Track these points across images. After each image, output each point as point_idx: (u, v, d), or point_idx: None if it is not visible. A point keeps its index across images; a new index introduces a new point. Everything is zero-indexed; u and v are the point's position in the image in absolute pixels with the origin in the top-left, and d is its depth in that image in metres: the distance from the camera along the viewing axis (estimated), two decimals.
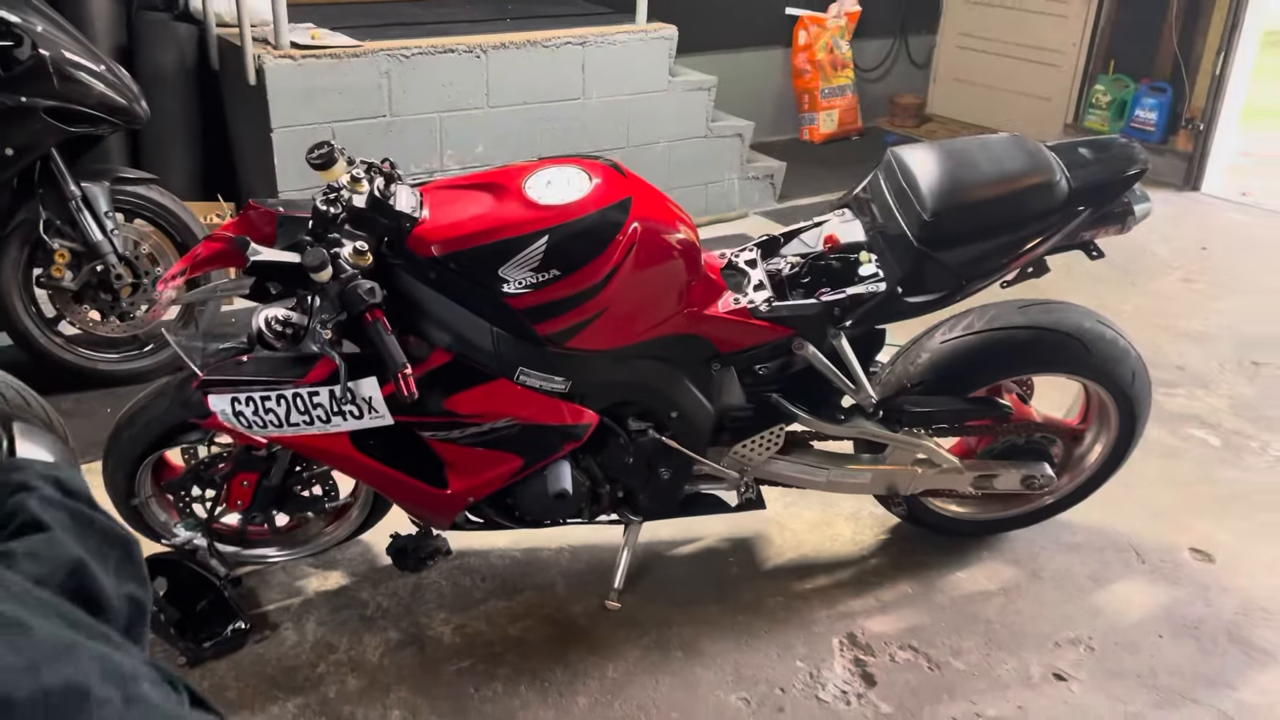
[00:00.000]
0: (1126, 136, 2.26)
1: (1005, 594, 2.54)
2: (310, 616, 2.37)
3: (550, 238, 1.91)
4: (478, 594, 2.47)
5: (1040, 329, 2.31)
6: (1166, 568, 2.65)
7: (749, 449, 2.29)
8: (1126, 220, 2.16)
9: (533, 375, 2.01)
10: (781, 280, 2.23)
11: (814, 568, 2.60)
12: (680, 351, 2.14)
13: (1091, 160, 2.14)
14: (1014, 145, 2.18)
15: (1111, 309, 4.10)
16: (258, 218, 2.04)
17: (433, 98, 3.99)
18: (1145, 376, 2.43)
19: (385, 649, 2.29)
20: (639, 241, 1.98)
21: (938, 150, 2.19)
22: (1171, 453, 3.17)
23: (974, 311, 2.39)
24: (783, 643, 2.36)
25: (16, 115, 2.89)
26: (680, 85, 4.63)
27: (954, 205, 2.07)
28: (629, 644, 2.33)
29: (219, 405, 1.96)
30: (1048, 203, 2.08)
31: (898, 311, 2.15)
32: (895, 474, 2.41)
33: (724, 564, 2.61)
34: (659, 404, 2.19)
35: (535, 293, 1.92)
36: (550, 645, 2.32)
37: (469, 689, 2.19)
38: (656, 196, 2.09)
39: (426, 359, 1.97)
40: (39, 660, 0.84)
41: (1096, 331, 2.34)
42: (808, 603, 2.48)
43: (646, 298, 2.04)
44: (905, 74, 7.00)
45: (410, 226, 1.93)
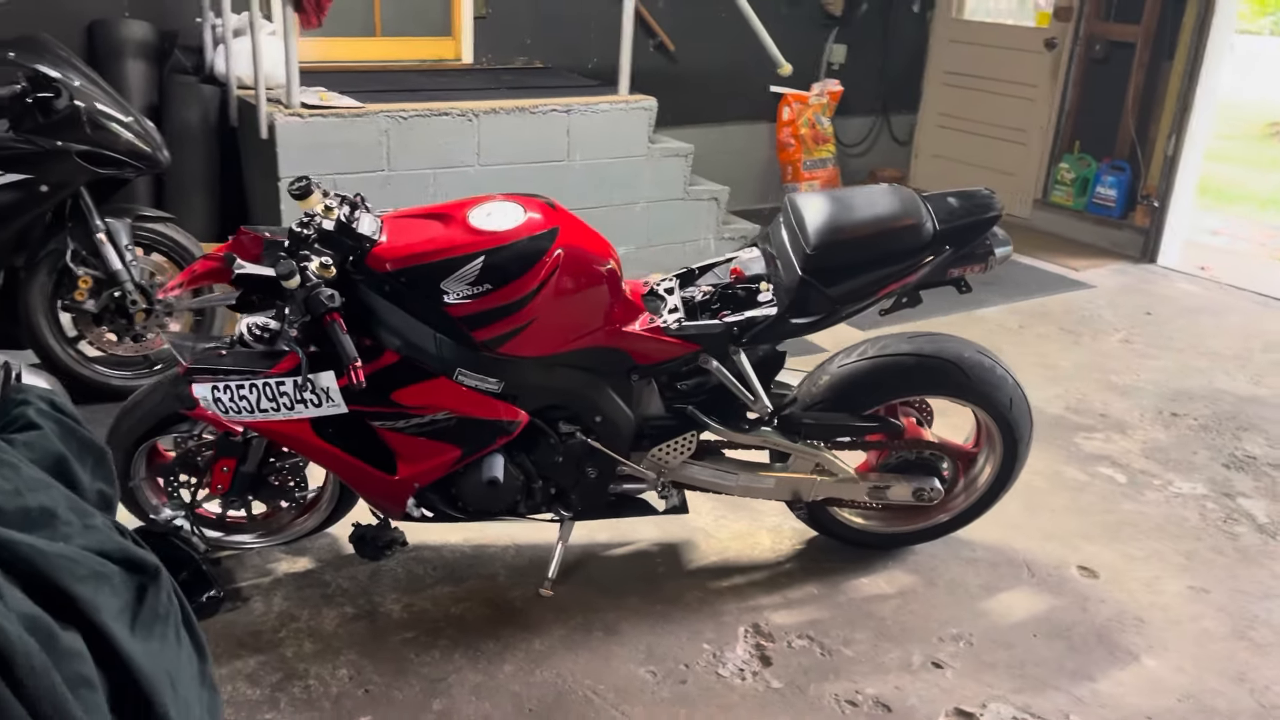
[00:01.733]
0: (989, 190, 2.56)
1: (901, 597, 2.83)
2: (278, 592, 2.69)
3: (486, 258, 2.28)
4: (428, 579, 2.78)
5: (923, 356, 2.64)
6: (1052, 581, 2.93)
7: (665, 453, 2.61)
8: (988, 259, 2.50)
9: (469, 376, 2.36)
10: (694, 305, 2.58)
11: (732, 569, 2.91)
12: (603, 362, 2.48)
13: (955, 207, 2.50)
14: (890, 193, 2.54)
15: (1052, 362, 4.45)
16: (247, 241, 2.42)
17: (427, 155, 4.42)
18: (1024, 404, 2.75)
19: (341, 620, 2.61)
20: (562, 265, 2.33)
21: (826, 196, 2.55)
22: (1080, 487, 3.46)
23: (869, 340, 2.72)
24: (693, 629, 2.66)
25: (52, 157, 3.31)
26: (659, 151, 5.04)
27: (832, 241, 2.42)
28: (556, 624, 2.63)
29: (201, 392, 2.32)
30: (914, 241, 2.43)
31: (785, 332, 2.49)
32: (797, 481, 2.72)
33: (651, 563, 2.92)
34: (584, 408, 2.52)
35: (471, 303, 2.28)
36: (486, 623, 2.63)
37: (410, 655, 2.50)
38: (583, 230, 2.45)
39: (378, 358, 2.33)
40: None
41: (975, 360, 2.67)
42: (721, 597, 2.78)
43: (570, 313, 2.39)
44: (887, 149, 7.42)
45: (370, 246, 2.30)
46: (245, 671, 2.41)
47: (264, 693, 2.35)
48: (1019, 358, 4.53)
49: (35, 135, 3.28)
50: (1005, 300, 5.32)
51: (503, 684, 2.43)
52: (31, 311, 3.49)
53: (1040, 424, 3.82)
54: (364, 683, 2.40)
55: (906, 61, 7.24)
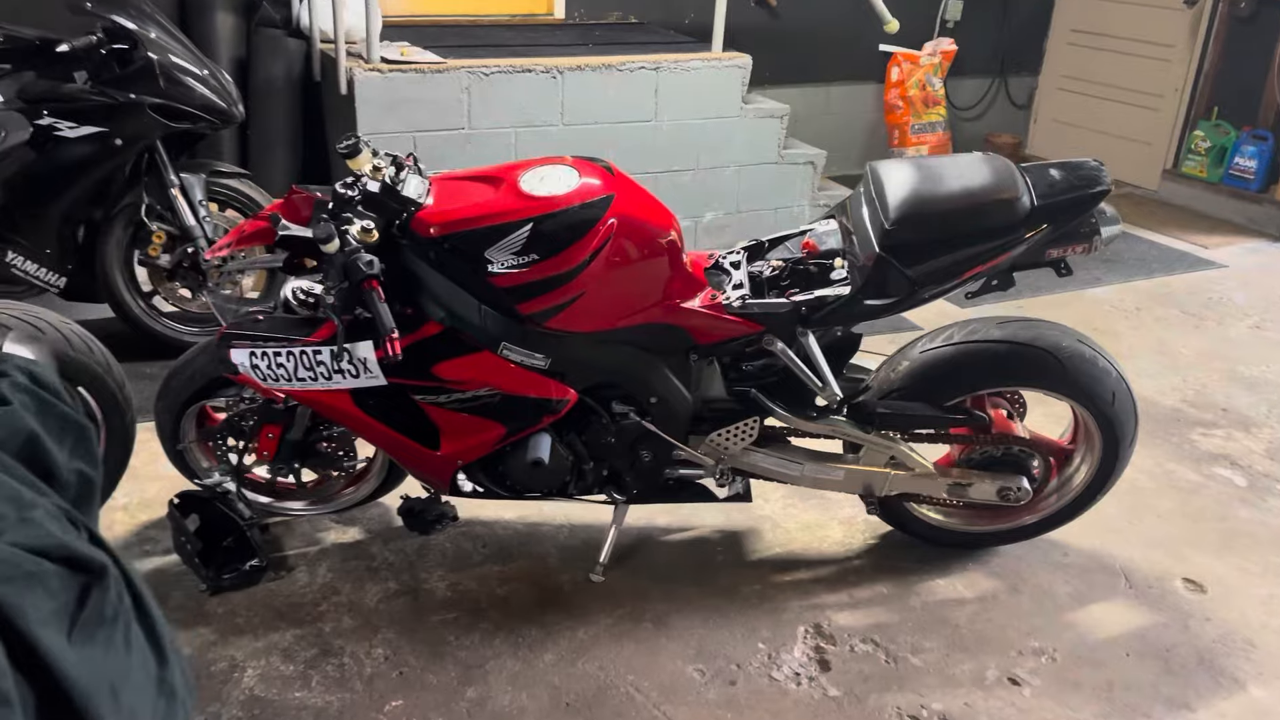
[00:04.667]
0: (1097, 161, 2.29)
1: (979, 602, 2.61)
2: (323, 563, 2.62)
3: (534, 225, 2.13)
4: (476, 557, 2.68)
5: (1016, 344, 2.40)
6: (1153, 594, 2.67)
7: (725, 438, 2.44)
8: (1093, 240, 2.24)
9: (515, 350, 2.23)
10: (761, 281, 2.38)
11: (797, 563, 2.72)
12: (659, 340, 2.31)
13: (1057, 180, 2.24)
14: (983, 163, 2.29)
15: (1171, 349, 4.11)
16: (299, 201, 2.31)
17: (509, 113, 4.28)
18: (1129, 400, 2.48)
19: (383, 596, 2.52)
20: (616, 235, 2.17)
21: (911, 165, 2.31)
22: (1192, 489, 3.16)
23: (956, 324, 2.49)
24: (749, 626, 2.49)
25: (126, 110, 3.28)
26: (753, 112, 4.81)
27: (914, 216, 2.19)
28: (604, 613, 2.50)
29: (239, 357, 2.24)
30: (1008, 218, 2.19)
31: (858, 314, 2.28)
32: (869, 475, 2.52)
33: (710, 552, 2.76)
34: (638, 388, 2.37)
35: (516, 274, 2.13)
36: (531, 607, 2.51)
37: (449, 637, 2.40)
38: (642, 197, 2.28)
39: (419, 328, 2.21)
40: None
41: (1075, 350, 2.41)
42: (782, 593, 2.61)
43: (623, 286, 2.23)
44: (1004, 114, 7.01)
45: (415, 210, 2.17)
46: (281, 645, 2.34)
47: (297, 668, 2.28)
48: (1133, 343, 4.19)
49: (109, 88, 3.25)
50: (1123, 279, 4.95)
51: (542, 674, 2.31)
52: (107, 265, 3.49)
53: (1152, 417, 3.53)
54: (399, 664, 2.31)
55: (1028, 19, 6.80)
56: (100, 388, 2.44)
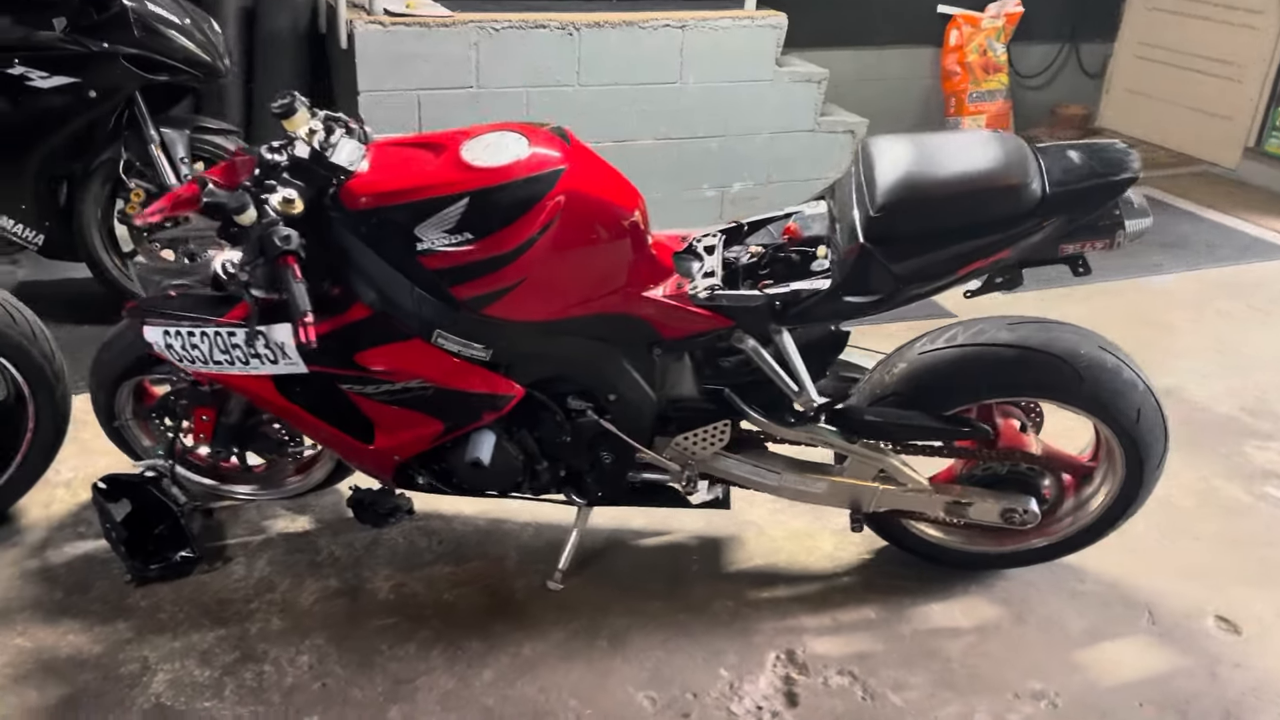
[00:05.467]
0: (1124, 145, 1.97)
1: (978, 633, 2.33)
2: (264, 555, 2.44)
3: (470, 200, 1.89)
4: (428, 556, 2.48)
5: (1027, 349, 2.11)
6: (1179, 633, 2.37)
7: (692, 442, 2.19)
8: (1115, 234, 1.93)
9: (451, 339, 2.00)
10: (737, 269, 2.12)
11: (779, 577, 2.47)
12: (618, 332, 2.07)
13: (1076, 165, 1.93)
14: (992, 142, 1.98)
15: (1232, 347, 3.74)
16: (240, 164, 2.11)
17: (521, 72, 4.03)
18: (1158, 417, 2.17)
19: (320, 596, 2.33)
20: (564, 214, 1.92)
21: (908, 142, 2.02)
22: (1239, 510, 2.83)
23: (960, 324, 2.20)
24: (715, 648, 2.25)
25: (100, 60, 3.10)
26: (787, 76, 4.49)
27: (903, 202, 1.91)
28: (557, 626, 2.28)
29: (153, 336, 2.05)
30: (1012, 208, 1.89)
31: (837, 311, 2.00)
32: (854, 488, 2.26)
33: (685, 561, 2.52)
34: (595, 384, 2.13)
35: (448, 254, 1.90)
36: (478, 616, 2.30)
37: (383, 646, 2.20)
38: (600, 172, 2.03)
39: (346, 311, 1.99)
40: None
41: (1095, 359, 2.11)
42: (758, 612, 2.36)
43: (574, 271, 1.98)
44: (1073, 82, 6.55)
45: (344, 179, 1.95)
46: (200, 647, 2.17)
47: (213, 674, 2.11)
48: (1190, 340, 3.82)
49: (83, 36, 3.07)
50: (1186, 266, 4.55)
51: (477, 694, 2.10)
52: (84, 222, 3.33)
53: (1202, 425, 3.19)
54: (324, 674, 2.13)
55: None
56: (24, 359, 2.27)
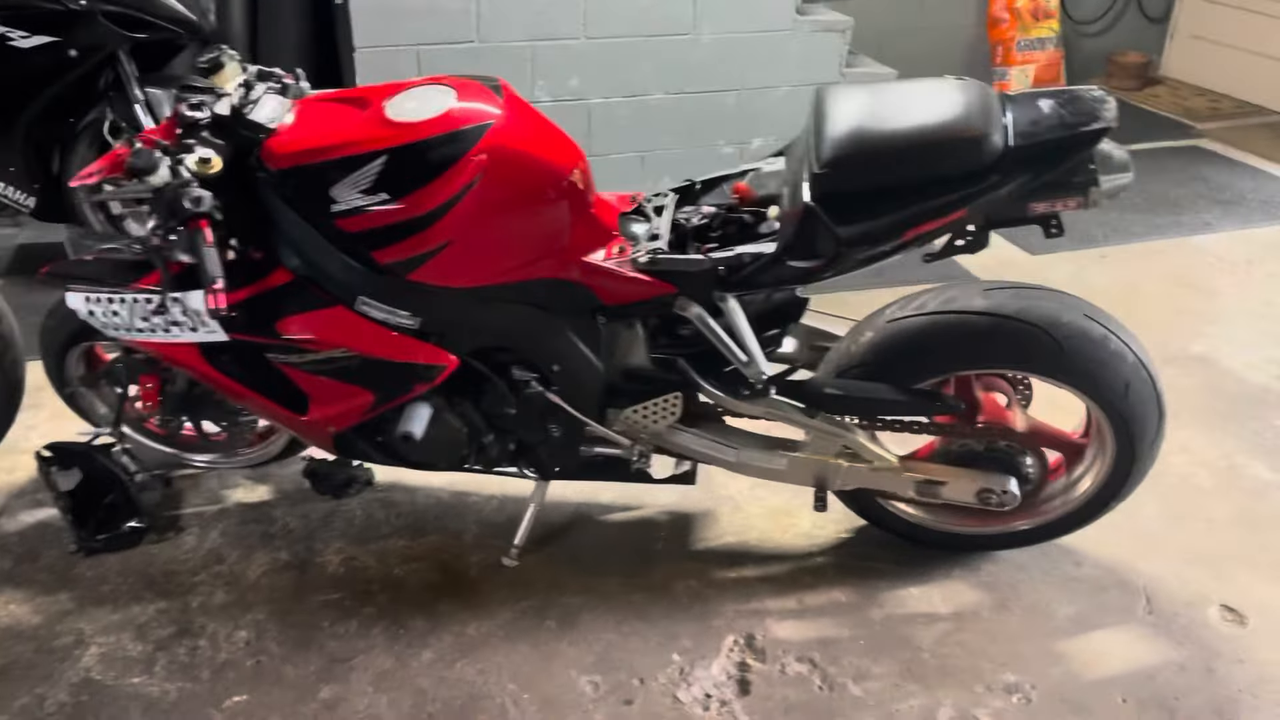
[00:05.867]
0: (1101, 90, 1.78)
1: (956, 620, 2.19)
2: (217, 526, 2.39)
3: (388, 158, 1.78)
4: (385, 529, 2.40)
5: (1002, 317, 1.93)
6: (1178, 623, 2.19)
7: (642, 415, 2.07)
8: (1088, 192, 1.74)
9: (375, 306, 1.90)
10: (686, 231, 1.98)
11: (748, 557, 2.35)
12: (557, 299, 1.95)
13: (1044, 115, 1.74)
14: (953, 90, 1.81)
15: (1276, 313, 3.47)
16: None
17: (524, 25, 3.88)
18: (1149, 391, 1.99)
19: (269, 569, 2.27)
20: (488, 172, 1.80)
21: (865, 92, 1.85)
22: (1260, 490, 2.61)
23: (931, 290, 2.04)
24: (670, 631, 2.14)
25: (80, 18, 3.05)
26: (809, 25, 4.27)
27: (850, 157, 1.74)
28: (506, 605, 2.19)
29: (74, 302, 1.99)
30: (971, 162, 1.71)
31: (783, 277, 1.85)
32: (818, 465, 2.11)
33: (652, 537, 2.40)
34: (537, 354, 2.02)
35: (365, 216, 1.80)
36: (427, 593, 2.22)
37: (324, 622, 2.14)
38: (536, 128, 1.90)
39: (266, 276, 1.90)
40: None
41: (1077, 328, 1.93)
42: (722, 593, 2.24)
43: (504, 234, 1.87)
44: (1134, 28, 6.17)
45: (263, 137, 1.85)
46: (138, 621, 2.13)
47: (145, 649, 2.06)
48: (1232, 304, 3.57)
49: None
50: (1239, 224, 4.26)
51: (412, 675, 2.02)
52: None
53: (1232, 395, 2.98)
54: (259, 651, 2.07)
55: None
56: None
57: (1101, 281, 3.71)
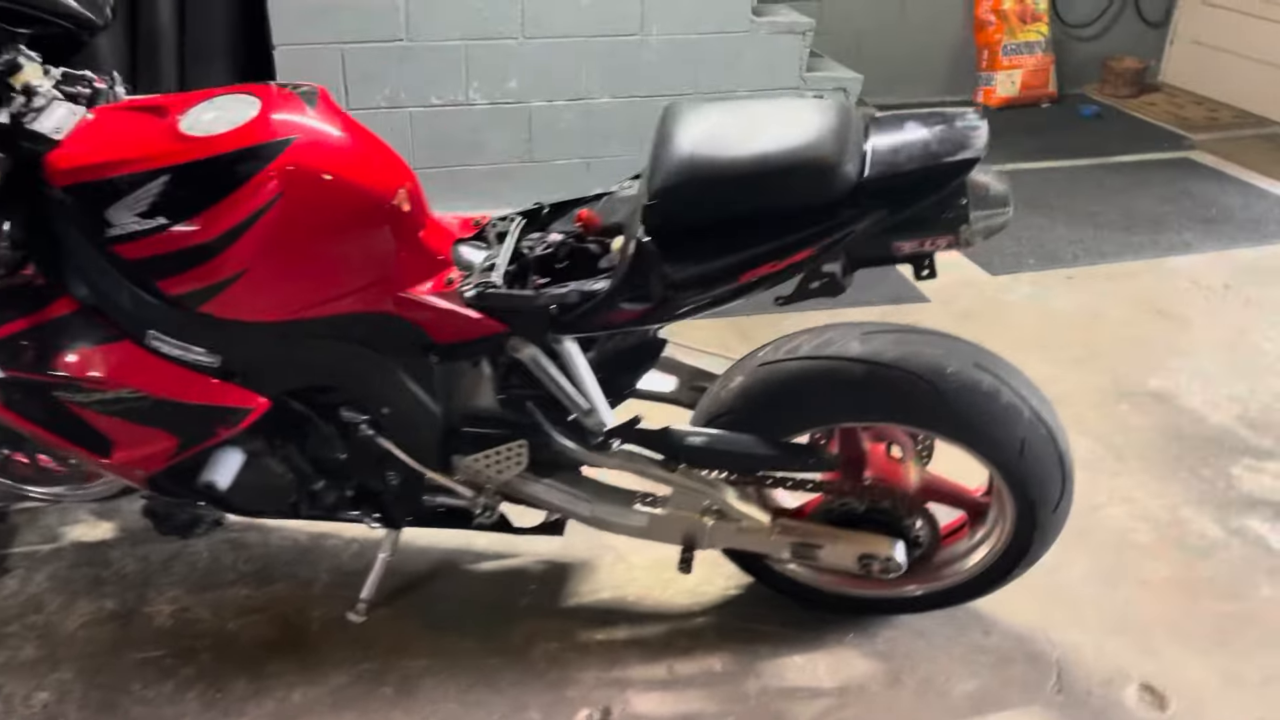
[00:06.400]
0: (978, 111, 1.55)
1: (840, 695, 1.96)
2: (47, 567, 2.20)
3: (171, 177, 1.57)
4: (229, 576, 2.20)
5: (878, 364, 1.71)
6: (1090, 704, 1.96)
7: (485, 464, 1.85)
8: (959, 230, 1.51)
9: (167, 342, 1.70)
10: (529, 261, 1.76)
11: (622, 615, 2.13)
12: (381, 336, 1.74)
13: (910, 142, 1.51)
14: (808, 112, 1.57)
15: (1251, 344, 3.23)
16: None
17: (458, 24, 3.68)
18: (1051, 451, 1.76)
19: (90, 619, 2.08)
20: (287, 195, 1.59)
21: (714, 110, 1.62)
22: (1205, 549, 2.36)
23: (808, 332, 1.81)
24: (519, 701, 1.93)
25: None
26: (765, 27, 4.04)
27: (682, 186, 1.52)
28: (342, 667, 1.99)
29: None
30: (816, 196, 1.48)
31: (611, 321, 1.63)
32: (681, 521, 1.89)
33: (520, 591, 2.19)
34: (363, 396, 1.81)
35: (144, 241, 1.59)
36: (258, 651, 2.02)
37: (136, 684, 1.94)
38: (353, 145, 1.68)
39: (47, 306, 1.70)
40: None
41: (966, 378, 1.70)
42: (583, 658, 2.03)
43: (310, 264, 1.65)
44: (1130, 32, 5.89)
45: (44, 150, 1.64)
46: None
47: None
48: (1202, 334, 3.31)
49: None
50: (1222, 244, 3.99)
51: None
52: None
53: (1188, 437, 2.74)
54: (56, 715, 1.87)
55: None
56: None
57: (1063, 305, 3.46)
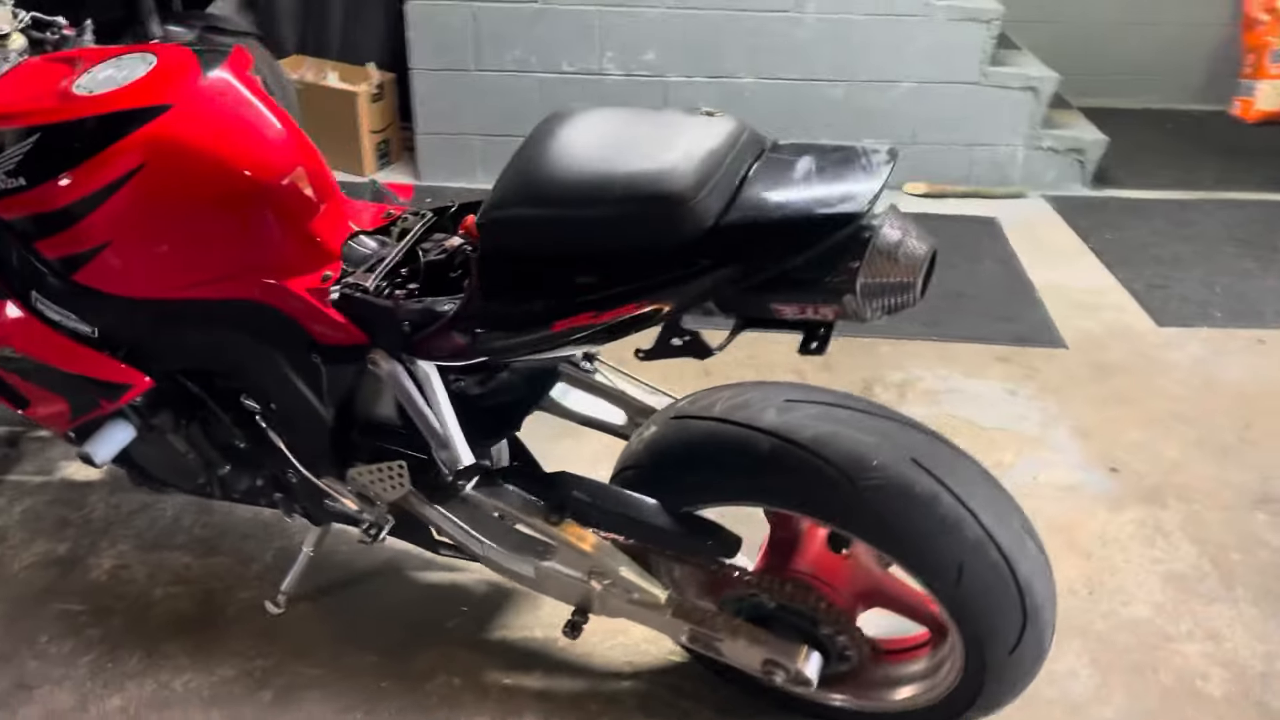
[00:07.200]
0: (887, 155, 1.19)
1: None
2: (28, 500, 2.26)
3: (41, 136, 1.50)
4: (180, 539, 2.17)
5: (789, 443, 1.39)
6: None
7: (369, 478, 1.69)
8: (842, 300, 1.16)
9: (50, 307, 1.64)
10: (420, 267, 1.56)
11: (544, 662, 1.91)
12: (262, 327, 1.60)
13: (794, 183, 1.18)
14: (684, 133, 1.25)
15: None
16: None
17: None
18: (1002, 582, 1.38)
19: (37, 561, 2.10)
20: (150, 165, 1.47)
21: (592, 121, 1.33)
22: None
23: (732, 387, 1.52)
24: None
25: None
26: (944, 12, 3.58)
27: (510, 210, 1.26)
28: (236, 660, 1.90)
29: None
30: (650, 238, 1.18)
31: (438, 350, 1.40)
32: (569, 582, 1.65)
33: (451, 612, 2.02)
34: (249, 388, 1.69)
35: (12, 200, 1.53)
36: (168, 626, 1.97)
37: (43, 636, 1.93)
38: (243, 119, 1.54)
39: None
40: None
41: (894, 476, 1.35)
42: (480, 702, 1.84)
43: (178, 241, 1.54)
44: None
45: None
46: None
47: None
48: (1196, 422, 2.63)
49: None
50: None
51: None
52: None
53: None
54: None
55: None
56: None
57: (1236, 375, 2.86)
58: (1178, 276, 3.35)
